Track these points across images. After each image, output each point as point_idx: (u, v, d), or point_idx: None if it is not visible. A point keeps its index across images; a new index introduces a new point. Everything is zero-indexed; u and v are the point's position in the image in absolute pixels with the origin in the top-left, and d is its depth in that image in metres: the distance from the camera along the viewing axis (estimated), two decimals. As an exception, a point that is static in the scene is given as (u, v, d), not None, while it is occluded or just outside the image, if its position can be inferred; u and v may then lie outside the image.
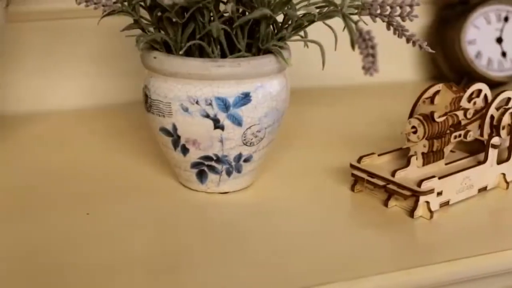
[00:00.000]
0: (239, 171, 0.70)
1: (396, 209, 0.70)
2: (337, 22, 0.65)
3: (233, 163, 0.69)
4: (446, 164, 0.73)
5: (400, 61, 1.03)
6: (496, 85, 1.00)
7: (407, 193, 0.67)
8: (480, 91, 0.78)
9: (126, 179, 0.74)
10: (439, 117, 0.69)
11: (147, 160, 0.78)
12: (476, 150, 0.76)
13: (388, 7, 0.66)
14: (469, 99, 0.77)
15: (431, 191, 0.67)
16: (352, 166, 0.72)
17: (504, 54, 0.99)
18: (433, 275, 0.61)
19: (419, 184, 0.67)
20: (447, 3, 1.00)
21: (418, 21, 1.03)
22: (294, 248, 0.63)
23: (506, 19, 0.99)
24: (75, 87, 0.93)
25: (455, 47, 0.97)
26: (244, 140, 0.67)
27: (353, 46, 0.59)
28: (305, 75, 0.96)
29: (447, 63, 1.01)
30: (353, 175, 0.71)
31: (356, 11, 0.67)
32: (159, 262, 0.60)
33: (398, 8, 0.66)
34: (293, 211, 0.70)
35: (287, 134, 0.85)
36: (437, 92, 0.69)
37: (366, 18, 0.64)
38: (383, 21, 0.67)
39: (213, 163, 0.69)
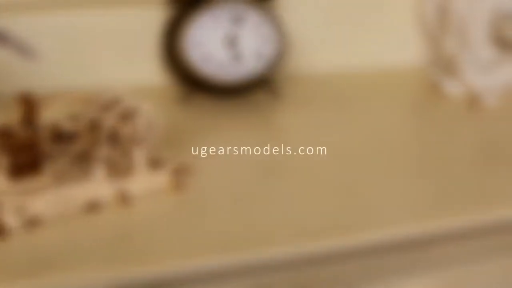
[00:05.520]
0: None
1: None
2: None
3: None
4: (57, 178, 0.69)
5: (148, 66, 0.97)
6: (230, 90, 0.92)
7: (-33, 209, 0.63)
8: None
9: None
10: (18, 128, 0.65)
11: None
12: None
13: None
14: (105, 107, 0.72)
15: (-6, 207, 0.63)
16: None
17: (237, 57, 0.91)
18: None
19: (-19, 200, 0.63)
20: (182, 1, 0.91)
21: (158, 23, 0.97)
22: None
23: (240, 19, 0.91)
24: None
25: (177, 50, 0.89)
26: None
27: None
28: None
29: (176, 68, 0.93)
30: None
31: None
32: None
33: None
34: None
35: None
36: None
37: None
38: None
39: None
